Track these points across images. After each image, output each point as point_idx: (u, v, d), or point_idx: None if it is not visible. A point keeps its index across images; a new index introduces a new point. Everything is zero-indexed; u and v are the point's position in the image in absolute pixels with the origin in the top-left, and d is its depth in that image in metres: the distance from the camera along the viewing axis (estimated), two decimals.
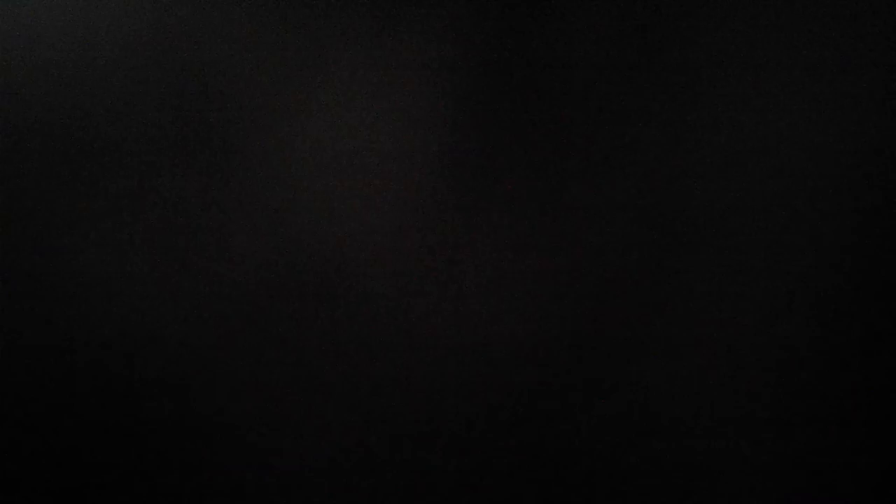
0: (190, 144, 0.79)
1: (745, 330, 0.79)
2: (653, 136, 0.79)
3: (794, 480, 0.79)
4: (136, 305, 0.80)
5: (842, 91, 0.79)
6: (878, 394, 0.79)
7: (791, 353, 0.79)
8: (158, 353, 0.80)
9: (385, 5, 0.79)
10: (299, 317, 0.80)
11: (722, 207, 0.79)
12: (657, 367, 0.79)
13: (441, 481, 0.80)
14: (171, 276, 0.79)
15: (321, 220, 0.80)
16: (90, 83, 0.80)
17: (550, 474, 0.80)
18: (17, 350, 0.80)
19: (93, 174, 0.80)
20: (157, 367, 0.80)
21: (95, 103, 0.80)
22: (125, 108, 0.80)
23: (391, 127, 0.79)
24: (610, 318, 0.79)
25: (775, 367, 0.79)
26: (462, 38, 0.79)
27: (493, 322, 0.80)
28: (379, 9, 0.79)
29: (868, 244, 0.79)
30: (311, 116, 0.80)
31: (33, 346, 0.80)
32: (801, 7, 0.79)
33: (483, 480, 0.80)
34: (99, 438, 0.80)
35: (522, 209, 0.79)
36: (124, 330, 0.80)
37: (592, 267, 0.79)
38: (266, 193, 0.79)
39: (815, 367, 0.79)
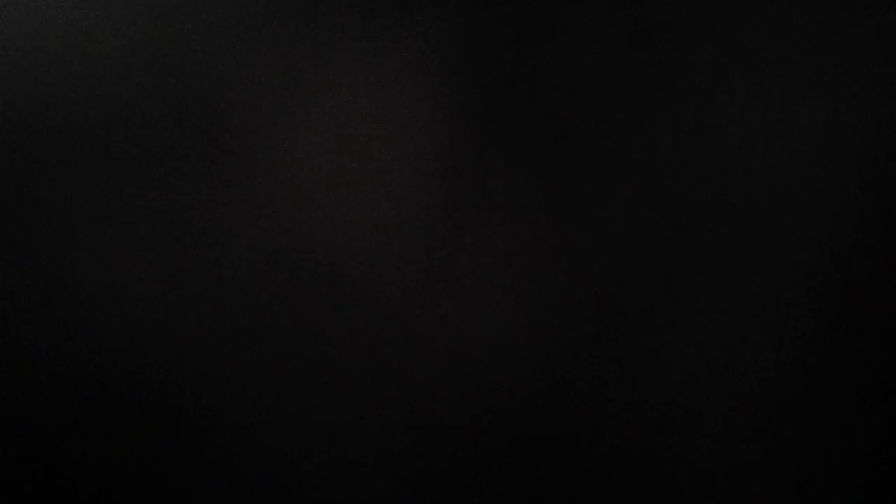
0: (190, 145, 0.79)
1: (745, 329, 0.79)
2: (653, 136, 0.79)
3: (793, 479, 0.79)
4: (136, 305, 0.80)
5: (842, 91, 0.79)
6: (879, 393, 0.79)
7: (791, 352, 0.79)
8: (158, 352, 0.80)
9: (385, 6, 0.79)
10: (299, 317, 0.80)
11: (722, 207, 0.79)
12: (658, 365, 0.79)
13: (442, 480, 0.80)
14: (171, 275, 0.79)
15: (321, 220, 0.80)
16: (90, 83, 0.79)
17: (551, 473, 0.80)
18: (17, 350, 0.80)
19: (92, 175, 0.79)
20: (157, 367, 0.80)
21: (95, 103, 0.80)
22: (124, 108, 0.79)
23: (391, 127, 0.79)
24: (611, 318, 0.79)
25: (776, 365, 0.79)
26: (462, 39, 0.79)
27: (494, 321, 0.80)
28: (379, 9, 0.79)
29: (868, 244, 0.79)
30: (312, 117, 0.79)
31: (33, 347, 0.80)
32: (802, 7, 0.79)
33: (484, 479, 0.80)
34: (100, 438, 0.80)
35: (523, 209, 0.79)
36: (124, 330, 0.80)
37: (593, 266, 0.79)
38: (266, 194, 0.79)
39: (816, 365, 0.79)
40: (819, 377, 0.79)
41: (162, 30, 0.79)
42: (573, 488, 0.80)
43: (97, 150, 0.79)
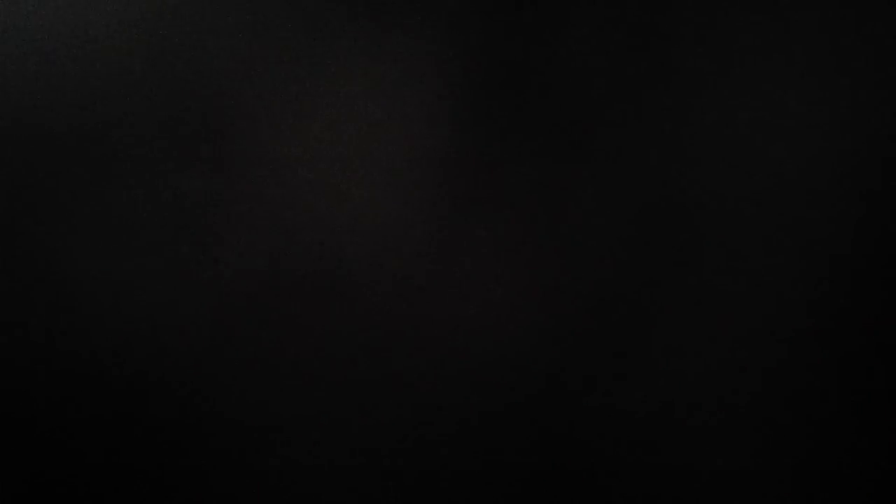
0: (190, 145, 0.79)
1: (744, 328, 0.79)
2: (653, 136, 0.79)
3: (792, 479, 0.79)
4: (136, 305, 0.80)
5: (842, 91, 0.79)
6: (878, 394, 0.79)
7: (791, 351, 0.79)
8: (158, 351, 0.80)
9: (385, 6, 0.79)
10: (300, 315, 0.80)
11: (722, 208, 0.79)
12: (657, 366, 0.79)
13: (441, 480, 0.80)
14: (171, 275, 0.80)
15: (321, 220, 0.80)
16: (90, 83, 0.80)
17: (549, 473, 0.80)
18: (17, 350, 0.80)
19: (93, 175, 0.80)
20: (157, 366, 0.80)
21: (95, 103, 0.80)
22: (125, 108, 0.80)
23: (391, 127, 0.79)
24: (610, 318, 0.79)
25: (775, 364, 0.79)
26: (462, 39, 0.79)
27: (493, 321, 0.80)
28: (379, 10, 0.79)
29: (868, 243, 0.79)
30: (312, 117, 0.80)
31: (34, 346, 0.80)
32: (802, 7, 0.79)
33: (483, 479, 0.80)
34: (99, 438, 0.80)
35: (524, 208, 0.79)
36: (124, 329, 0.80)
37: (592, 266, 0.79)
38: (266, 194, 0.79)
39: (815, 365, 0.79)
40: (819, 377, 0.79)
41: (162, 30, 0.80)
42: (572, 485, 0.80)
43: (97, 150, 0.80)
